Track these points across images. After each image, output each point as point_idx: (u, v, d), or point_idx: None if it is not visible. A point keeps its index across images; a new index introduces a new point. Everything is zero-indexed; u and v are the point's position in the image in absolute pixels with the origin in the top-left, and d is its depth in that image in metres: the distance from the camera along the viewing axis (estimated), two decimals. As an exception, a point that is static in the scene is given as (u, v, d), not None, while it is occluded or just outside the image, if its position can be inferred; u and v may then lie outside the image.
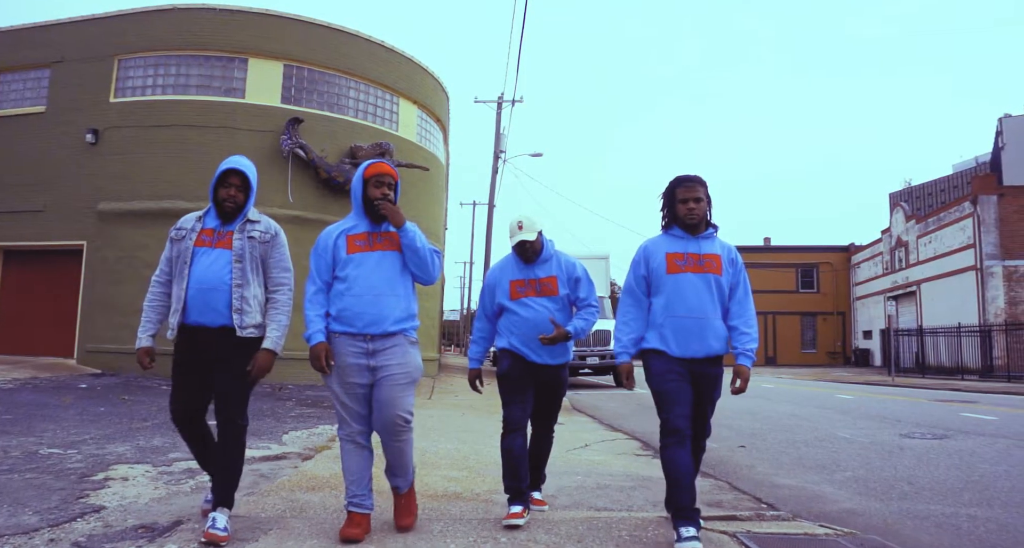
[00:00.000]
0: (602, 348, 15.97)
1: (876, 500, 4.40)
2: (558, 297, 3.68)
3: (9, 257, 14.06)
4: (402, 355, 3.09)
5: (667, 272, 3.20)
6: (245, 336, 3.16)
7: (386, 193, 3.15)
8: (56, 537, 3.01)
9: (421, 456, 5.56)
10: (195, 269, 3.17)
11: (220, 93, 13.17)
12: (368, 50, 14.49)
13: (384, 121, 14.76)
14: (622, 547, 2.97)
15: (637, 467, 5.49)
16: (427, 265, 3.18)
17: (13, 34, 14.15)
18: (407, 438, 3.15)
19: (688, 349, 3.15)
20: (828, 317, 41.34)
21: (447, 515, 3.56)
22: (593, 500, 4.13)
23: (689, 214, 3.22)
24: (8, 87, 14.21)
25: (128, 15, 13.39)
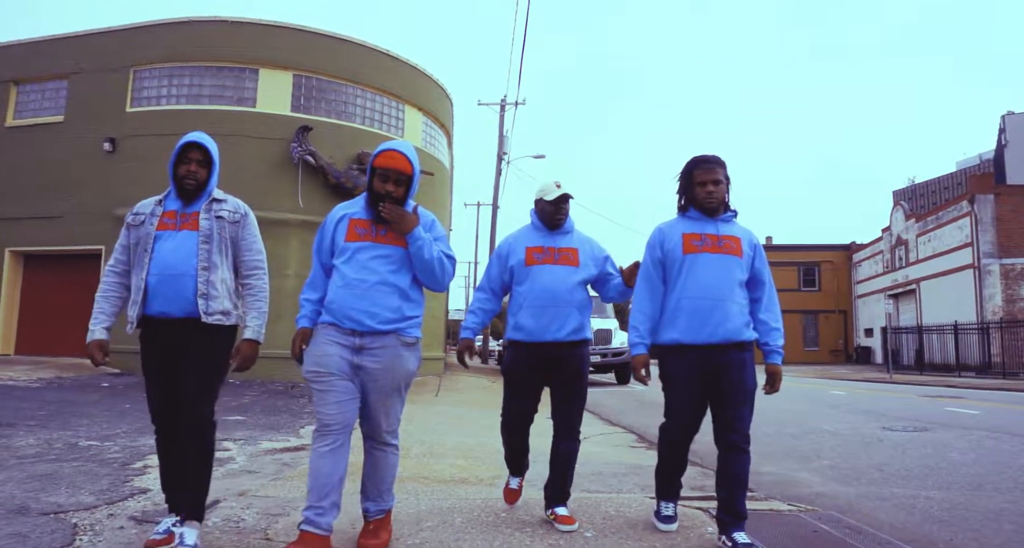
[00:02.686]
0: (603, 347, 16.34)
1: (846, 485, 4.82)
2: (577, 269, 3.41)
3: (30, 261, 14.56)
4: (390, 358, 2.77)
5: (683, 252, 3.03)
6: (211, 323, 2.87)
7: (390, 191, 2.80)
8: (114, 513, 3.45)
9: (430, 448, 6.01)
10: (157, 255, 2.89)
11: (232, 102, 13.64)
12: (374, 59, 14.94)
13: (390, 128, 15.20)
14: (608, 520, 3.40)
15: (631, 457, 5.93)
16: (434, 274, 2.85)
17: (33, 46, 14.66)
18: (387, 451, 2.91)
19: (703, 333, 2.95)
20: (830, 315, 41.68)
21: (454, 495, 3.99)
22: (587, 484, 4.55)
23: (708, 197, 3.04)
24: (28, 97, 14.72)
25: (143, 27, 13.88)
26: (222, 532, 3.12)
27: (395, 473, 2.98)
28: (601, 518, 3.43)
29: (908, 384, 18.47)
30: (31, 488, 3.86)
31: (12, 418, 6.78)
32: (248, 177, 12.89)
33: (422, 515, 3.47)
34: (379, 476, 2.91)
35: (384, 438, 2.89)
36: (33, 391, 9.44)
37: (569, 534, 3.15)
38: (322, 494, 2.68)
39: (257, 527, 3.22)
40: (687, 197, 3.14)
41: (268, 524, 3.27)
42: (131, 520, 3.32)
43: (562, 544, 3.01)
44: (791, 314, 41.59)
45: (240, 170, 12.99)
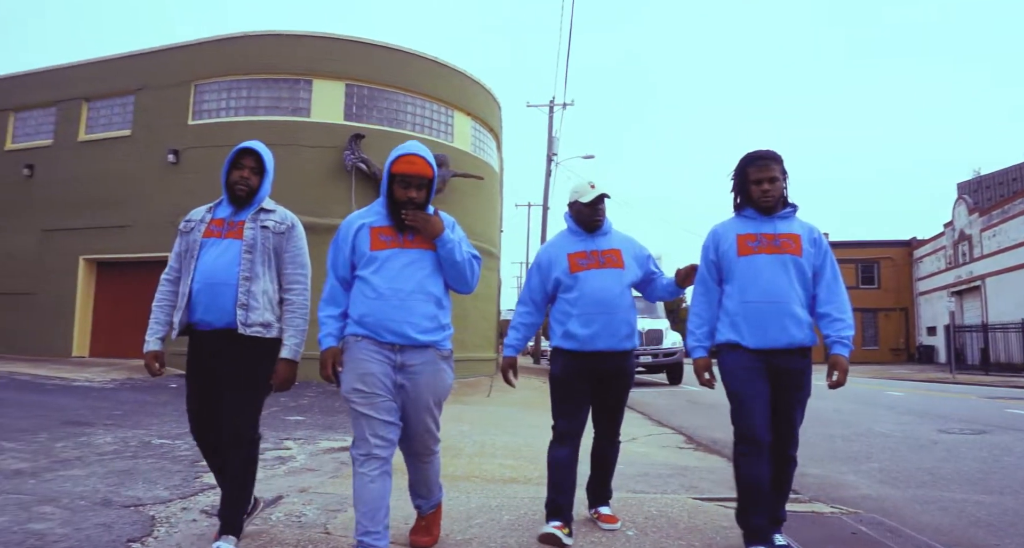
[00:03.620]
0: (655, 347, 16.33)
1: (894, 488, 4.82)
2: (624, 271, 3.28)
3: (102, 268, 15.32)
4: (432, 374, 2.70)
5: (738, 254, 2.91)
6: (250, 335, 2.83)
7: (412, 197, 2.69)
8: (187, 506, 3.72)
9: (481, 448, 6.19)
10: (202, 262, 2.88)
11: (287, 113, 14.11)
12: (424, 67, 15.25)
13: (440, 133, 15.50)
14: (650, 520, 3.52)
15: (678, 458, 6.00)
16: (466, 277, 2.78)
17: (102, 65, 15.45)
18: (433, 460, 2.92)
19: (765, 339, 2.83)
20: (890, 313, 40.54)
21: (503, 494, 4.16)
22: (632, 485, 4.66)
23: (764, 196, 2.90)
24: (98, 113, 15.51)
25: (203, 44, 14.47)
26: (285, 526, 3.36)
27: (439, 469, 3.01)
28: (644, 518, 3.55)
29: (971, 385, 17.92)
30: (112, 483, 4.17)
31: (91, 418, 7.23)
32: (303, 185, 13.33)
33: (472, 512, 3.65)
34: (426, 477, 2.94)
35: (430, 450, 2.86)
36: (108, 392, 9.99)
37: (611, 532, 3.28)
38: (375, 518, 2.58)
39: (317, 522, 3.44)
40: (742, 196, 3.00)
41: (328, 519, 3.49)
42: (203, 513, 3.58)
43: (604, 542, 3.15)
44: (849, 312, 40.56)
45: (296, 178, 13.45)
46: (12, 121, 16.51)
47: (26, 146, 16.11)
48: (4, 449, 5.16)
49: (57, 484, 4.09)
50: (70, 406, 8.15)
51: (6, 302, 15.61)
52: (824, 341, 2.93)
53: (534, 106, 28.62)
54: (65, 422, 6.79)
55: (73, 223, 15.12)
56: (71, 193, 15.19)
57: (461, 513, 3.63)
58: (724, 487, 4.59)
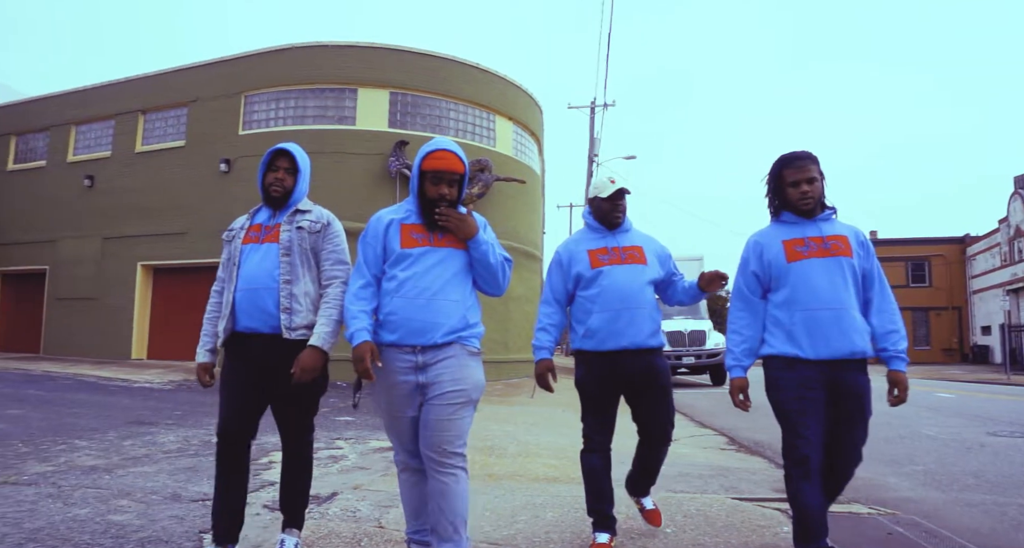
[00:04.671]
0: (698, 348, 16.32)
1: (936, 490, 4.83)
2: (647, 267, 3.20)
3: (159, 273, 15.95)
4: (457, 368, 2.51)
5: (787, 261, 2.76)
6: (295, 339, 2.80)
7: (444, 193, 2.58)
8: (250, 501, 3.93)
9: (525, 448, 6.35)
10: (243, 268, 2.87)
11: (333, 121, 14.50)
12: (465, 73, 15.50)
13: (482, 138, 15.73)
14: (688, 518, 3.64)
15: (719, 459, 6.08)
16: (497, 279, 2.65)
17: (157, 79, 16.09)
18: (456, 474, 2.47)
19: (827, 348, 2.65)
20: (942, 312, 39.51)
21: (546, 492, 4.32)
22: (672, 485, 4.77)
23: (803, 198, 2.76)
24: (154, 125, 16.16)
25: (252, 56, 14.96)
26: (341, 520, 3.57)
27: (466, 503, 2.49)
28: (682, 516, 3.67)
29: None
30: (179, 479, 4.46)
31: (154, 418, 7.61)
32: (349, 191, 13.70)
33: (516, 510, 3.82)
34: (450, 506, 2.44)
35: (449, 459, 2.46)
36: (167, 393, 10.44)
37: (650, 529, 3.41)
38: (420, 518, 2.67)
39: (371, 516, 3.65)
40: (779, 200, 2.86)
41: (380, 514, 3.70)
42: (264, 507, 3.83)
43: (643, 539, 3.28)
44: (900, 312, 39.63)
45: (343, 185, 13.82)
46: (73, 134, 17.29)
47: (86, 158, 16.87)
48: (78, 447, 5.51)
49: (129, 480, 4.39)
50: (133, 406, 8.57)
51: (71, 307, 16.36)
52: (880, 354, 2.77)
53: (575, 107, 28.71)
54: (130, 421, 7.17)
55: (131, 231, 15.76)
56: (129, 202, 15.84)
57: (506, 510, 3.80)
58: (764, 488, 4.68)
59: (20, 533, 3.17)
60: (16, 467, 4.63)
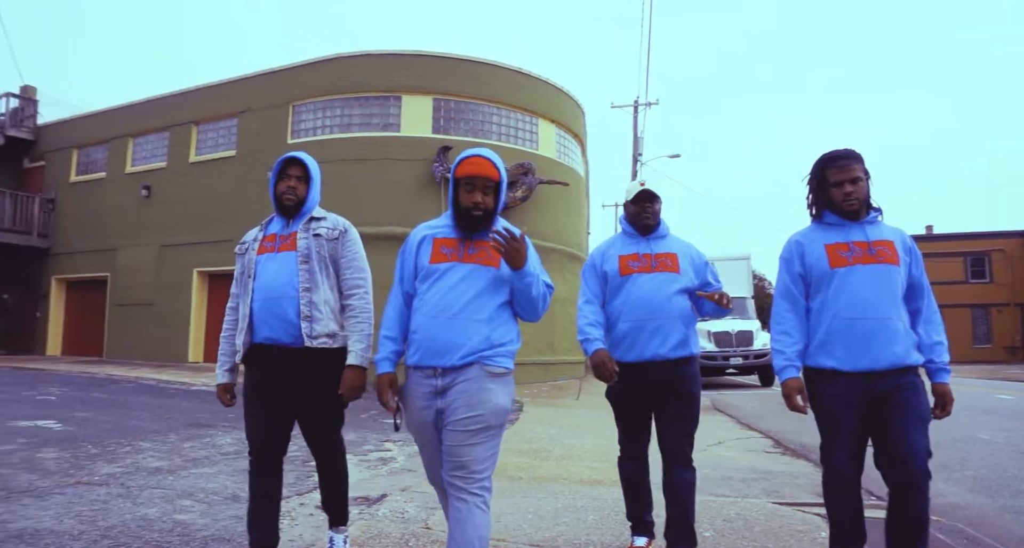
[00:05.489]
0: (745, 348, 16.18)
1: (985, 496, 4.77)
2: (679, 276, 3.09)
3: (214, 279, 16.49)
4: (474, 392, 2.35)
5: (831, 266, 2.63)
6: (317, 346, 2.78)
7: (478, 201, 2.45)
8: (303, 502, 4.16)
9: (570, 450, 6.45)
10: (259, 279, 2.84)
11: (379, 129, 14.79)
12: (507, 78, 15.65)
13: (525, 142, 15.85)
14: (728, 522, 3.69)
15: (763, 463, 6.08)
16: (537, 309, 2.49)
17: (208, 90, 16.64)
18: (468, 502, 2.31)
19: (866, 360, 2.54)
20: (1004, 309, 38.17)
21: (589, 495, 4.41)
22: (713, 488, 4.81)
23: (847, 199, 2.63)
24: (206, 135, 16.72)
25: (300, 67, 15.37)
26: (390, 521, 3.73)
27: (483, 532, 2.31)
28: (722, 520, 3.73)
29: (1094, 386, 16.79)
30: (238, 480, 4.68)
31: (211, 420, 7.93)
32: (395, 197, 13.97)
33: (559, 511, 3.92)
34: (463, 535, 2.28)
35: (469, 487, 2.31)
36: (223, 396, 10.80)
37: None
38: None
39: (418, 518, 3.80)
40: (821, 201, 2.73)
41: (427, 516, 3.84)
42: (318, 508, 4.01)
43: (683, 542, 3.35)
44: (958, 309, 38.47)
45: (388, 191, 14.11)
46: (131, 146, 17.99)
47: (143, 169, 17.54)
48: (143, 449, 5.81)
49: (191, 480, 4.63)
50: (191, 409, 8.92)
51: (131, 312, 17.03)
52: (927, 366, 2.65)
53: (618, 107, 28.63)
54: (189, 424, 7.48)
55: (187, 238, 16.33)
56: (184, 211, 16.41)
57: (549, 512, 3.91)
58: (806, 492, 4.69)
59: (95, 531, 3.41)
60: (88, 468, 4.92)
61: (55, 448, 5.64)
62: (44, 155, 19.53)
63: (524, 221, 15.05)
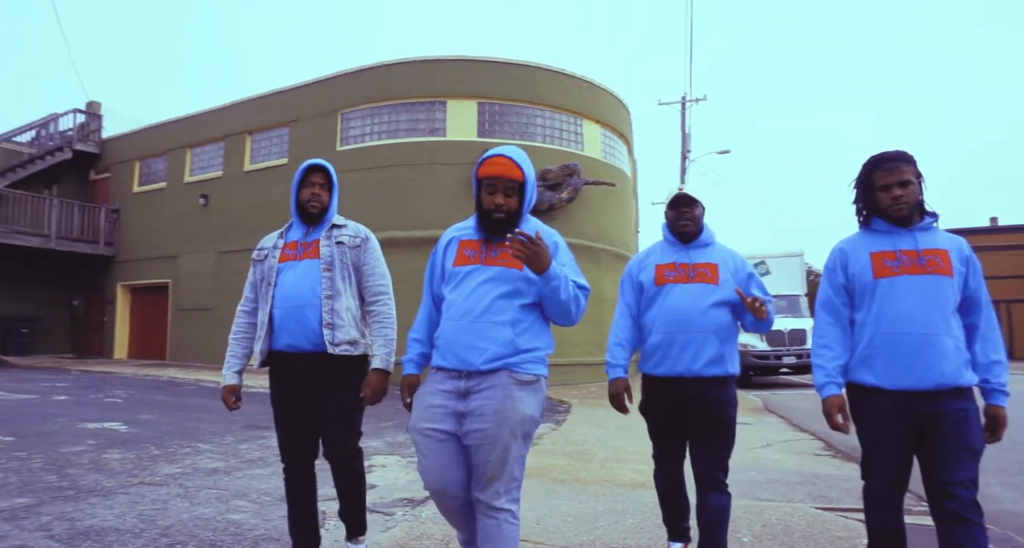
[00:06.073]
0: (799, 347, 15.89)
1: (1043, 501, 4.63)
2: (716, 287, 2.91)
3: (268, 285, 16.99)
4: (500, 400, 2.27)
5: (874, 277, 2.48)
6: (339, 354, 2.81)
7: (500, 203, 2.36)
8: (352, 505, 4.30)
9: (614, 453, 6.47)
10: (280, 287, 2.84)
11: (424, 134, 15.01)
12: (551, 79, 15.70)
13: (570, 143, 15.88)
14: (767, 527, 3.68)
15: (812, 466, 5.99)
16: (570, 314, 2.37)
17: (260, 101, 17.15)
18: (502, 518, 2.27)
19: (908, 378, 2.37)
20: (1077, 305, 36.44)
21: (629, 499, 4.44)
22: (758, 492, 4.78)
23: (895, 204, 2.47)
24: (259, 145, 17.23)
25: (347, 75, 15.71)
26: (434, 523, 3.83)
27: (517, 546, 2.29)
28: (761, 525, 3.72)
29: None
30: (289, 482, 4.85)
31: (267, 422, 8.17)
32: (442, 200, 14.15)
33: (598, 515, 3.97)
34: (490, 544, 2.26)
35: (495, 501, 2.27)
36: (278, 398, 11.13)
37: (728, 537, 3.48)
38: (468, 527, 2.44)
39: (461, 520, 3.89)
40: (868, 206, 2.58)
41: (469, 518, 3.93)
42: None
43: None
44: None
45: (435, 195, 14.30)
46: (189, 156, 18.66)
47: (201, 178, 18.17)
48: (201, 450, 6.06)
49: (245, 482, 4.82)
50: (248, 411, 9.21)
51: (191, 317, 17.67)
52: (981, 386, 2.46)
53: (665, 104, 28.40)
54: (246, 426, 7.75)
55: (243, 245, 16.82)
56: (240, 218, 16.93)
57: (587, 515, 3.96)
58: (853, 497, 4.62)
59: (155, 529, 3.60)
60: (150, 469, 5.17)
61: (120, 449, 5.94)
62: (109, 167, 20.41)
63: (571, 222, 15.08)
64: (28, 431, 6.74)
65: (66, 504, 4.05)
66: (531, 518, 3.89)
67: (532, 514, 4.00)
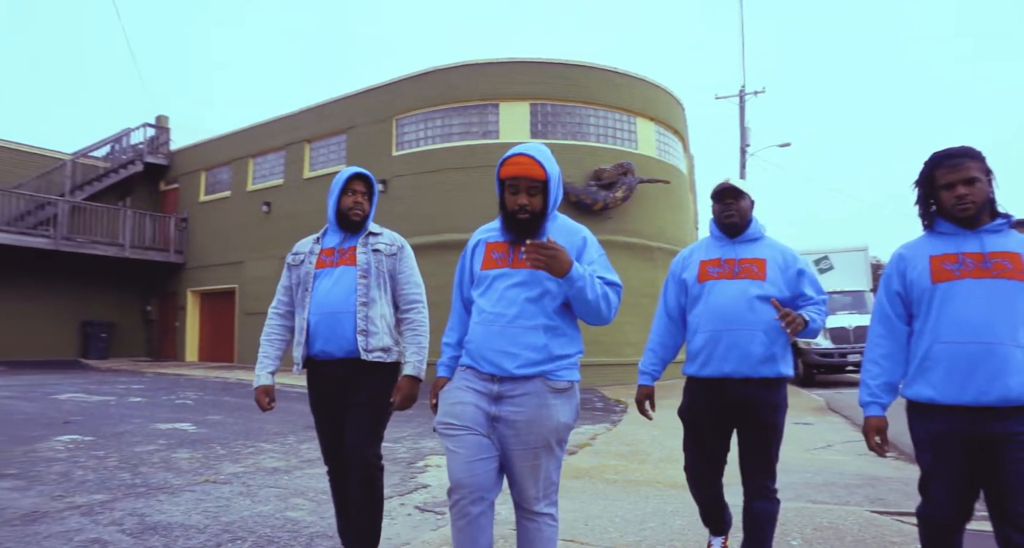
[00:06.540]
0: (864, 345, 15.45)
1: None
2: (763, 283, 2.78)
3: (328, 289, 17.45)
4: (534, 408, 2.23)
5: (932, 281, 2.28)
6: (371, 360, 2.84)
7: (523, 203, 2.30)
8: (404, 502, 4.41)
9: (669, 453, 6.43)
10: (316, 293, 2.88)
11: (478, 137, 15.16)
12: (604, 78, 15.65)
13: (623, 141, 15.80)
14: (818, 531, 3.62)
15: (873, 468, 5.84)
16: (600, 313, 2.28)
17: (319, 110, 17.63)
18: (542, 522, 2.29)
19: (969, 392, 2.16)
20: None
21: (679, 500, 4.43)
22: (813, 495, 4.70)
23: (960, 203, 2.25)
24: (318, 152, 17.71)
25: (401, 81, 15.99)
26: (483, 523, 3.90)
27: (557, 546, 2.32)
28: (812, 528, 3.66)
29: None
30: (346, 482, 5.00)
31: (326, 423, 8.43)
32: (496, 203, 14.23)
33: (646, 516, 3.97)
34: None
35: (534, 506, 2.27)
36: (339, 399, 11.43)
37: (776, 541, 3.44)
38: None
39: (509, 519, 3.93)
40: (934, 207, 2.36)
41: (518, 518, 3.98)
42: (416, 509, 4.25)
43: (769, 549, 3.33)
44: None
45: (489, 197, 14.36)
46: (251, 166, 19.30)
47: (263, 186, 18.77)
48: (264, 450, 6.29)
49: (304, 480, 4.99)
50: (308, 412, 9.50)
51: (258, 320, 18.24)
52: None
53: (722, 98, 27.89)
54: (307, 426, 7.98)
55: (304, 250, 17.35)
56: (301, 224, 17.39)
57: (636, 516, 3.97)
58: (912, 500, 4.48)
59: (218, 525, 3.78)
60: (215, 467, 5.40)
61: (189, 449, 6.21)
62: (177, 178, 21.28)
63: (626, 221, 15.01)
64: (106, 431, 7.12)
65: (137, 500, 4.28)
66: (579, 519, 3.92)
67: (580, 515, 4.03)
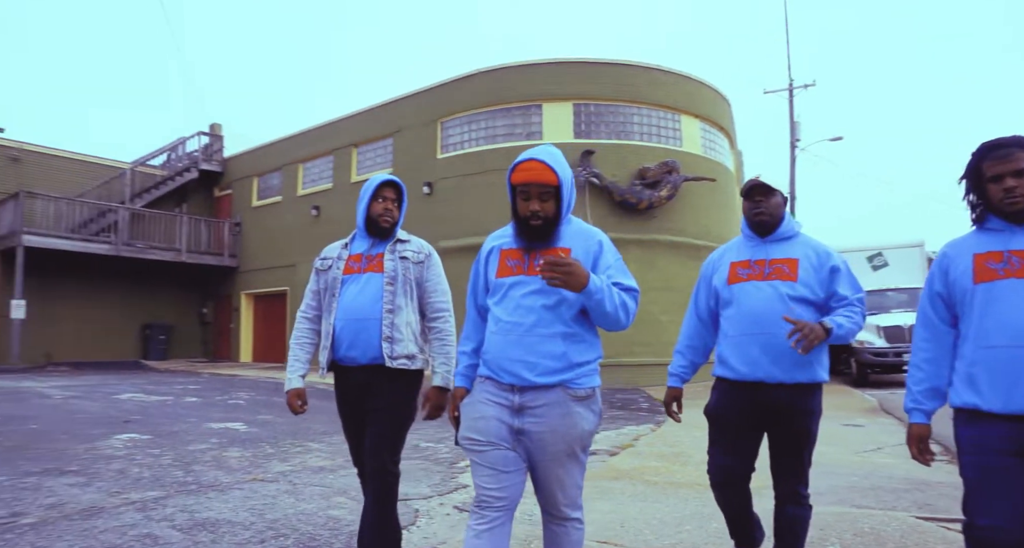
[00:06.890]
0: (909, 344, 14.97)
1: None
2: (795, 284, 2.69)
3: (376, 290, 17.76)
4: (557, 417, 2.21)
5: (974, 281, 2.15)
6: (396, 368, 2.84)
7: (535, 209, 2.25)
8: (443, 502, 4.48)
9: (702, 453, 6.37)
10: (343, 299, 2.89)
11: (522, 138, 15.22)
12: (647, 77, 15.54)
13: (668, 140, 15.66)
14: (858, 536, 3.56)
15: (922, 472, 5.64)
16: (618, 322, 2.25)
17: (365, 114, 17.96)
18: (570, 526, 2.33)
19: (1015, 399, 2.02)
20: None
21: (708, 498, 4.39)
22: (858, 499, 4.61)
23: (1008, 196, 2.11)
24: (366, 156, 18.02)
25: (446, 85, 16.17)
26: (517, 522, 3.92)
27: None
28: (852, 534, 3.60)
29: None
30: (388, 481, 5.10)
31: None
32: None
33: (684, 518, 3.96)
34: None
35: (563, 512, 2.31)
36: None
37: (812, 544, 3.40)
38: None
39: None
40: (980, 201, 2.23)
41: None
42: (455, 508, 4.31)
43: (806, 553, 3.29)
44: None
45: (532, 198, 14.44)
46: (301, 171, 19.75)
47: (312, 191, 19.20)
48: (311, 449, 6.45)
49: (348, 480, 5.10)
50: (357, 412, 9.70)
51: (307, 322, 18.67)
52: None
53: (771, 92, 27.40)
54: (354, 426, 8.17)
55: (352, 252, 17.68)
56: (349, 227, 17.48)
57: (674, 518, 3.96)
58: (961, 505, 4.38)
59: (263, 522, 3.91)
60: (263, 466, 5.57)
61: (239, 448, 6.41)
62: (230, 184, 21.91)
63: (671, 220, 14.87)
64: (162, 430, 7.39)
65: (188, 498, 4.45)
66: (615, 520, 3.94)
67: (617, 516, 4.04)
